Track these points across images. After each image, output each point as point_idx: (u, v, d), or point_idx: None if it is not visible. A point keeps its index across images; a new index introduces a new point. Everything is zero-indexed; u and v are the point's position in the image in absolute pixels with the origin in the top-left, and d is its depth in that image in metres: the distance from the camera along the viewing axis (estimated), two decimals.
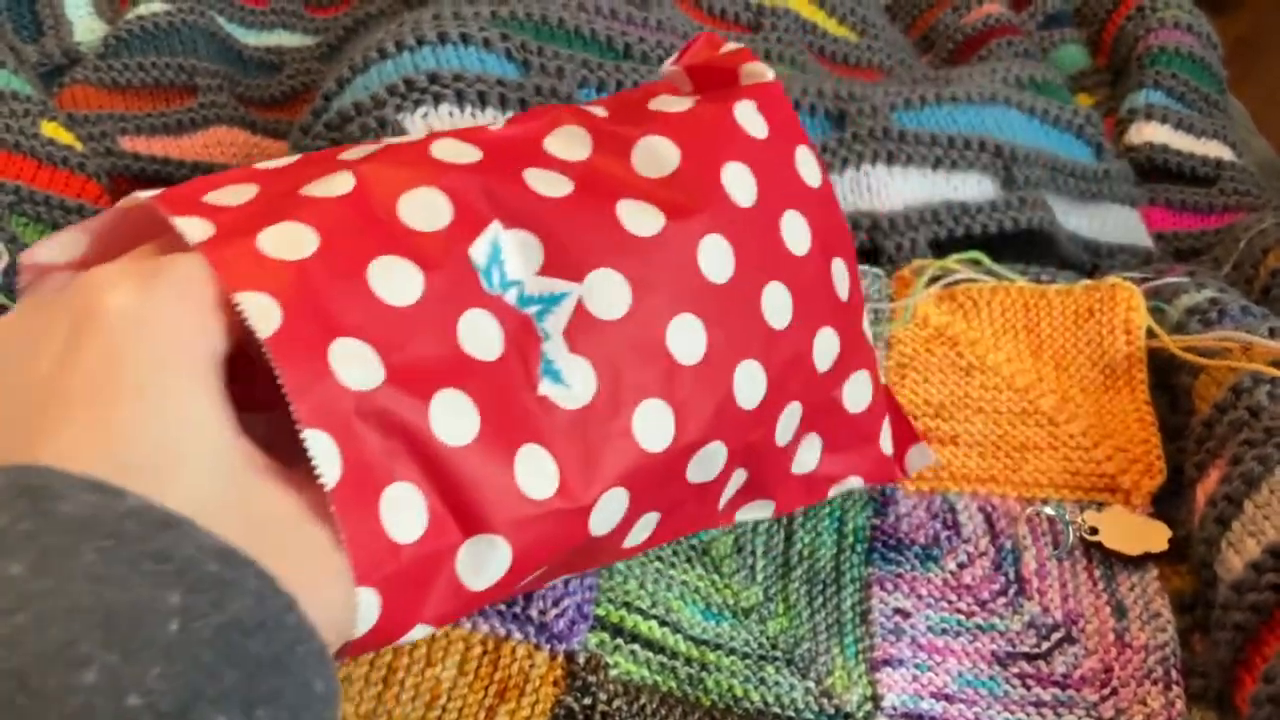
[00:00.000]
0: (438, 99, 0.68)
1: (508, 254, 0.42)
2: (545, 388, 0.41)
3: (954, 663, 0.54)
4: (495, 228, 0.42)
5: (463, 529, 0.38)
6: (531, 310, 0.42)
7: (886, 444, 0.56)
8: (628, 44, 0.80)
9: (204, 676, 0.26)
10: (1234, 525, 0.53)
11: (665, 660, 0.53)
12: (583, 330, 0.42)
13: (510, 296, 0.41)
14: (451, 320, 0.39)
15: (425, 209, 0.40)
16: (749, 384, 0.46)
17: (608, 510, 0.42)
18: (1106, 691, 0.52)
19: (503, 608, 0.52)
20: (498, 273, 0.41)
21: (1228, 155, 0.98)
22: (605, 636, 0.53)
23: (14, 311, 0.36)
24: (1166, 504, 0.60)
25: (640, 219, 0.44)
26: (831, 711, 0.52)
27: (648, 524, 0.46)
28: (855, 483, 0.55)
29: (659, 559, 0.56)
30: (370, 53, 0.71)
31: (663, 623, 0.54)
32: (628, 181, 0.46)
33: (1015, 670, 0.53)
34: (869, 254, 0.75)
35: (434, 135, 0.45)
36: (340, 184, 0.40)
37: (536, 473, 0.40)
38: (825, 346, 0.50)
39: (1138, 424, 0.62)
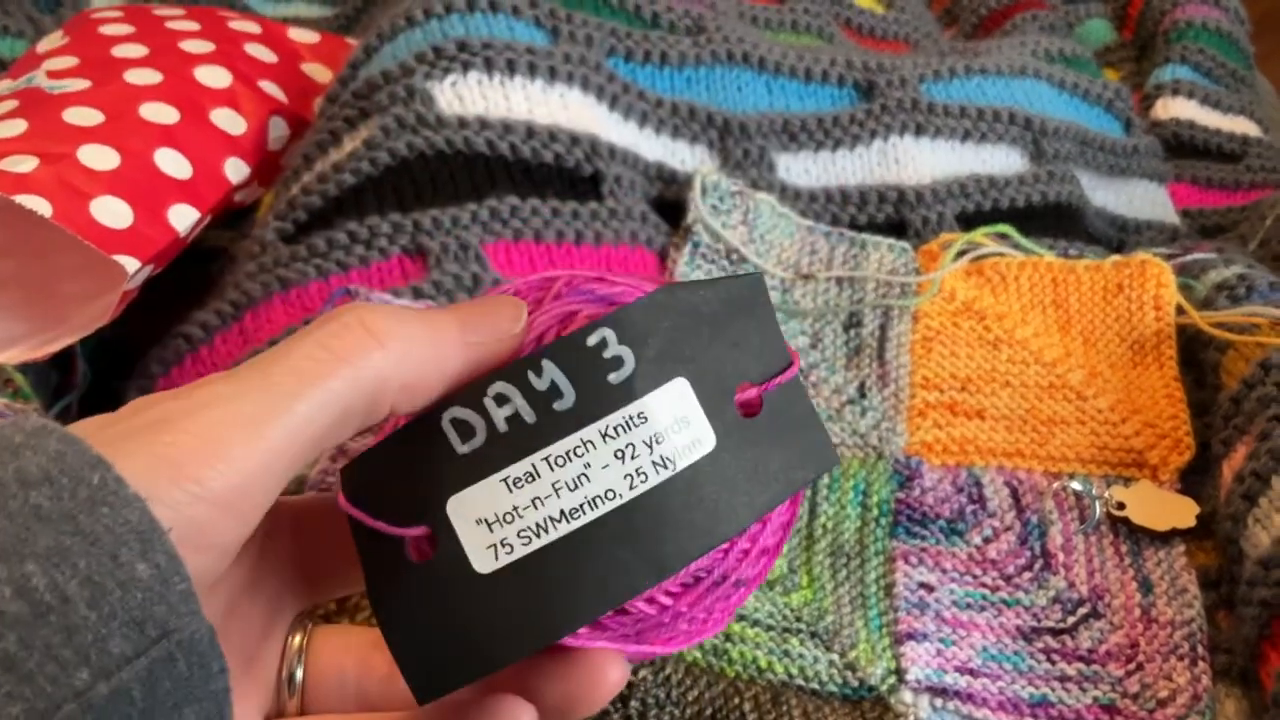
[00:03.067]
0: (466, 67, 0.67)
1: None
2: None
3: (978, 637, 0.54)
4: None
5: None
6: None
7: None
8: (655, 13, 0.79)
9: None
10: (1261, 501, 0.53)
11: None
12: None
13: None
14: None
15: None
16: None
17: None
18: (1132, 666, 0.52)
19: None
20: None
21: (1254, 131, 0.97)
22: None
23: None
24: (1192, 480, 0.60)
25: None
26: (855, 684, 0.52)
27: None
28: None
29: None
30: (398, 20, 0.71)
31: None
32: None
33: (1040, 645, 0.53)
34: (896, 227, 0.75)
35: None
36: None
37: None
38: None
39: (1166, 400, 0.62)
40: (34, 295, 0.62)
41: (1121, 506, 0.57)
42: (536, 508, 0.29)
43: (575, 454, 0.29)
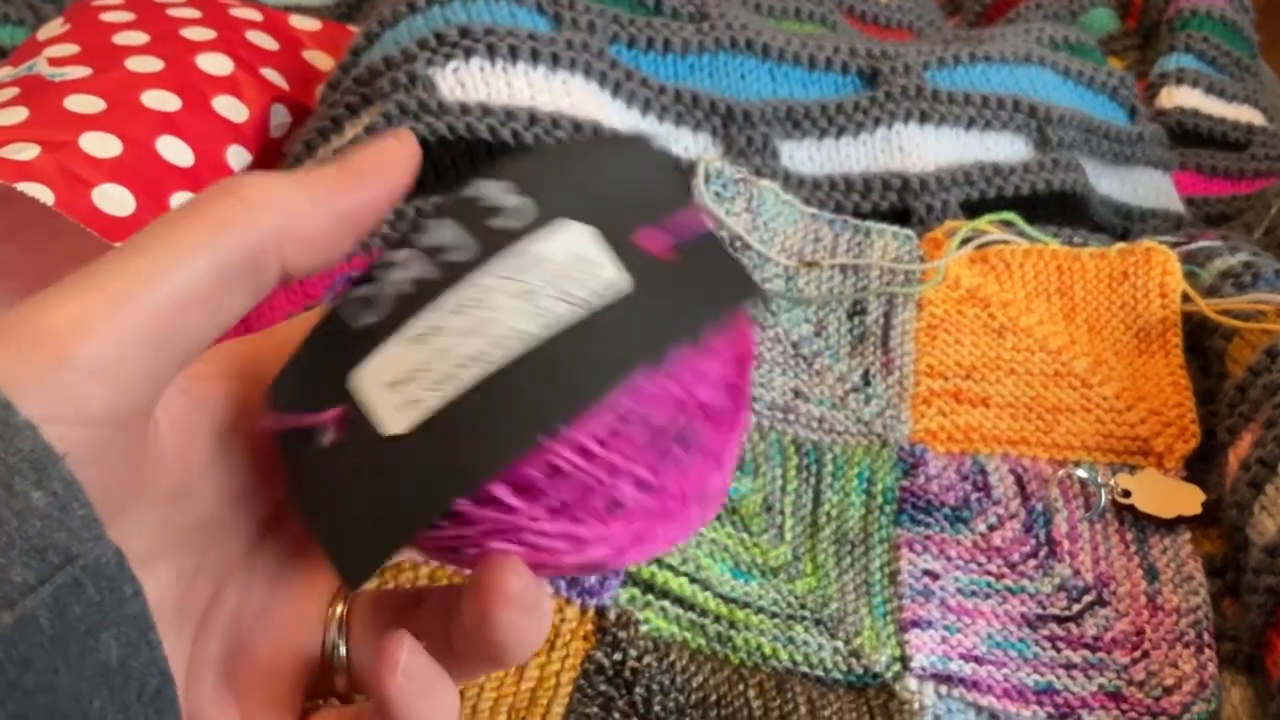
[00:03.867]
0: (468, 53, 0.67)
1: None
2: None
3: (983, 624, 0.53)
4: None
5: None
6: None
7: None
8: None
9: None
10: (1267, 489, 0.53)
11: (695, 617, 0.53)
12: None
13: None
14: None
15: None
16: None
17: None
18: (1137, 654, 0.52)
19: None
20: None
21: (1259, 120, 0.97)
22: (636, 592, 0.53)
23: None
24: (1198, 467, 0.60)
25: None
26: (860, 671, 0.51)
27: None
28: None
29: None
30: (400, 6, 0.71)
31: (692, 580, 0.54)
32: None
33: (1045, 632, 0.53)
34: (900, 215, 0.75)
35: None
36: None
37: None
38: None
39: (1172, 387, 0.62)
40: (36, 283, 0.61)
41: (1127, 494, 0.57)
42: (443, 358, 0.28)
43: (478, 300, 0.28)
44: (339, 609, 0.34)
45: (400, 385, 0.28)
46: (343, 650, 0.34)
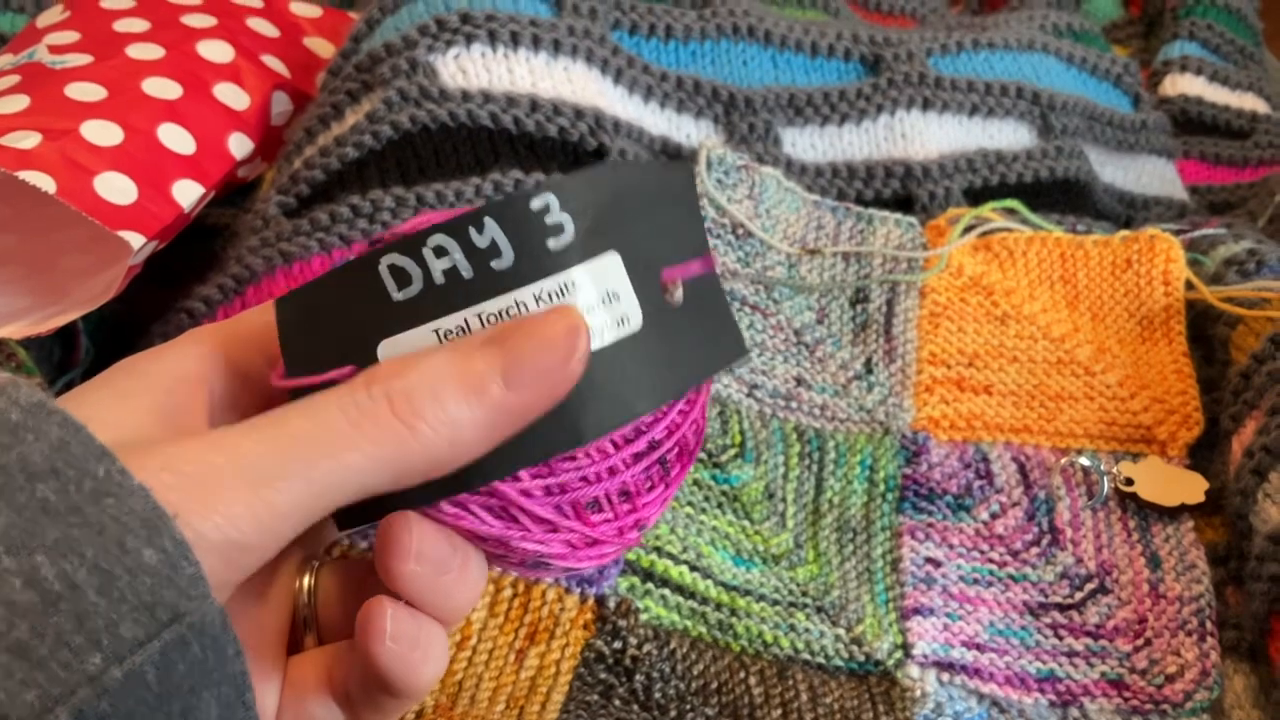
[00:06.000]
0: (470, 39, 0.67)
1: None
2: None
3: (985, 612, 0.53)
4: None
5: None
6: None
7: None
8: None
9: None
10: (1271, 476, 0.53)
11: (695, 605, 0.53)
12: None
13: None
14: None
15: None
16: None
17: None
18: (1140, 642, 0.52)
19: None
20: None
21: (1263, 108, 0.97)
22: (636, 581, 0.53)
23: None
24: (1201, 455, 0.60)
25: None
26: (861, 659, 0.51)
27: None
28: None
29: (690, 504, 0.56)
30: None
31: (693, 568, 0.54)
32: None
33: (1048, 620, 0.53)
34: (903, 202, 0.74)
35: None
36: None
37: None
38: None
39: (1175, 375, 0.62)
40: (38, 270, 0.61)
41: (1130, 482, 0.57)
42: None
43: (507, 314, 0.30)
44: (307, 580, 0.35)
45: None
46: (310, 615, 0.35)
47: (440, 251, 0.29)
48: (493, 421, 0.29)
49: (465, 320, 0.30)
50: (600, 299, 0.30)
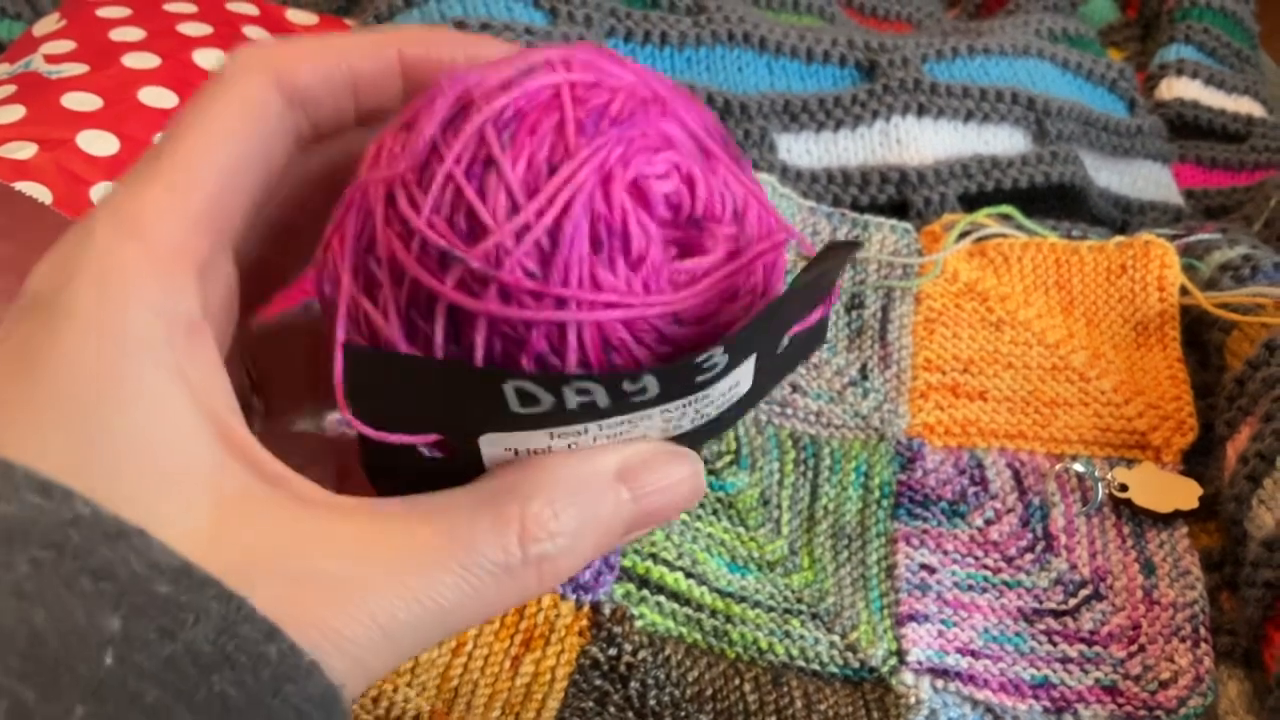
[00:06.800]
0: None
1: None
2: None
3: (980, 618, 0.53)
4: None
5: None
6: None
7: None
8: None
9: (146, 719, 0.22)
10: (1265, 482, 0.53)
11: (690, 612, 0.53)
12: None
13: None
14: None
15: None
16: None
17: None
18: (1134, 648, 0.52)
19: None
20: None
21: (1259, 112, 0.96)
22: (631, 587, 0.53)
23: None
24: (1196, 461, 0.60)
25: None
26: (856, 665, 0.51)
27: None
28: None
29: (685, 511, 0.56)
30: (396, 1, 0.71)
31: (688, 575, 0.54)
32: None
33: (1042, 626, 0.53)
34: (897, 208, 0.74)
35: None
36: None
37: None
38: None
39: (1169, 381, 0.62)
40: None
41: (1124, 488, 0.57)
42: (569, 446, 0.29)
43: (630, 422, 0.29)
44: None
45: (520, 451, 0.29)
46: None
47: (582, 391, 0.27)
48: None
49: (585, 428, 0.28)
50: (724, 393, 0.29)
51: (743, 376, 0.30)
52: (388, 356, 0.28)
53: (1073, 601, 0.54)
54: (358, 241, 0.28)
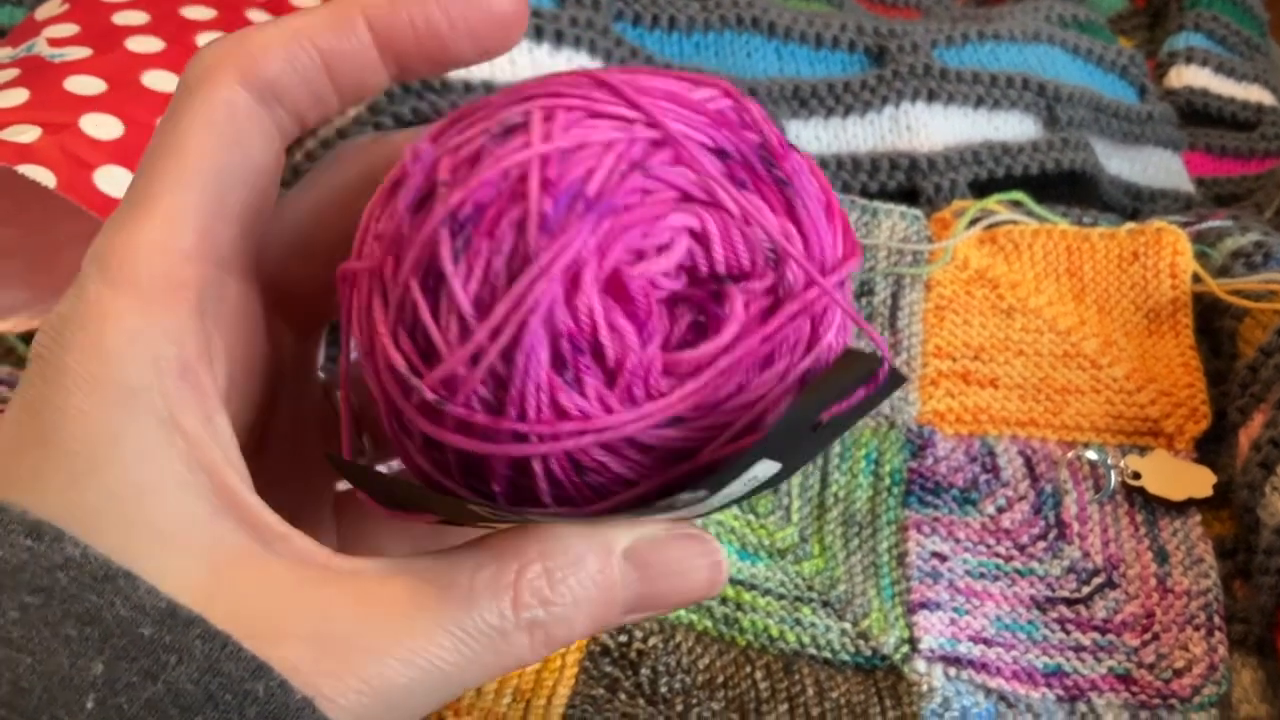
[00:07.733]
0: None
1: None
2: None
3: (992, 606, 0.53)
4: None
5: None
6: None
7: None
8: None
9: None
10: (1278, 469, 0.52)
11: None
12: None
13: None
14: None
15: None
16: None
17: None
18: (1147, 637, 0.52)
19: None
20: None
21: (1269, 100, 0.96)
22: None
23: None
24: (1209, 449, 0.59)
25: None
26: (868, 653, 0.51)
27: None
28: None
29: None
30: None
31: None
32: None
33: (1055, 615, 0.53)
34: (907, 195, 0.74)
35: None
36: None
37: None
38: None
39: (1182, 368, 0.61)
40: (38, 265, 0.61)
41: (1137, 476, 0.57)
42: None
43: (655, 508, 0.27)
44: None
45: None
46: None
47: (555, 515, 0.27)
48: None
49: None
50: (742, 484, 0.27)
51: (760, 471, 0.27)
52: (366, 473, 0.28)
53: (1086, 589, 0.54)
54: (348, 326, 0.27)
